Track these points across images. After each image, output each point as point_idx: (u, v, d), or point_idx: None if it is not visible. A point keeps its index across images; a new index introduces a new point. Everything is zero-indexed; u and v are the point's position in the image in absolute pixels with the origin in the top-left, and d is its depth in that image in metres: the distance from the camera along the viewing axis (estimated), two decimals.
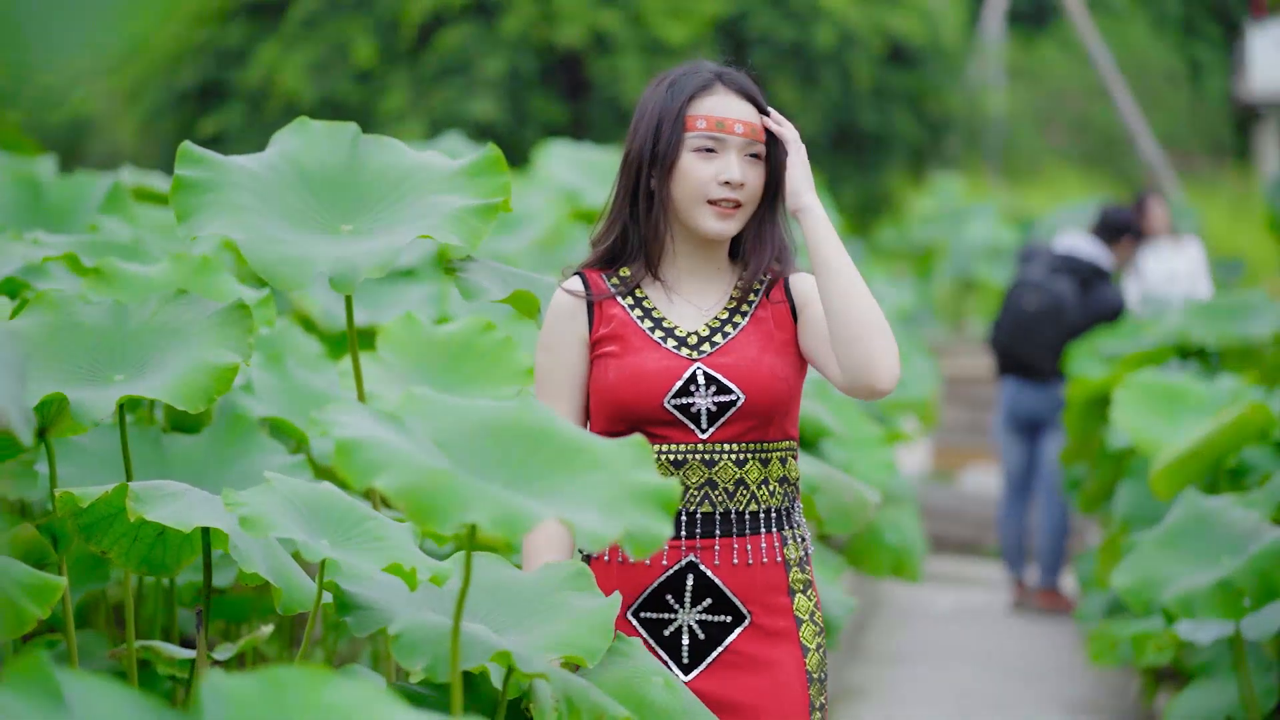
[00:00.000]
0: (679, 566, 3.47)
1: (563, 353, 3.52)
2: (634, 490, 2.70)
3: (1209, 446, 6.17)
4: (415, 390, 2.87)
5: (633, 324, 3.51)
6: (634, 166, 3.54)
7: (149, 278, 4.42)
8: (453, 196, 3.64)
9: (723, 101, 3.52)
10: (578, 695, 2.88)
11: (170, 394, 3.45)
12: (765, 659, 3.49)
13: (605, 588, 3.45)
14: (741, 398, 3.45)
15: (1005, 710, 8.16)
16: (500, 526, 2.52)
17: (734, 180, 3.47)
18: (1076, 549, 11.32)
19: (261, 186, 3.64)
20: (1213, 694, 6.05)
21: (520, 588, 3.16)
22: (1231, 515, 5.31)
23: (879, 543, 7.44)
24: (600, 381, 3.49)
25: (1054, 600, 10.60)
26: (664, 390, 3.45)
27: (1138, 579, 5.27)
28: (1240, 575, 5.01)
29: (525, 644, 2.96)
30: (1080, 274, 10.39)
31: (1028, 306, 10.38)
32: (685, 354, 3.48)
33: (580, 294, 3.54)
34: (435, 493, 2.54)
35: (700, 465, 3.46)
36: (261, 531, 2.96)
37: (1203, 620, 5.38)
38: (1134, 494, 7.35)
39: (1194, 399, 6.99)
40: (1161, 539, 5.34)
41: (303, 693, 2.10)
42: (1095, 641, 7.53)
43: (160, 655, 3.69)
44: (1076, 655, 9.35)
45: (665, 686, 3.13)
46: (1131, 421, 6.93)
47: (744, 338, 3.51)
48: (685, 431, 3.45)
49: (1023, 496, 10.81)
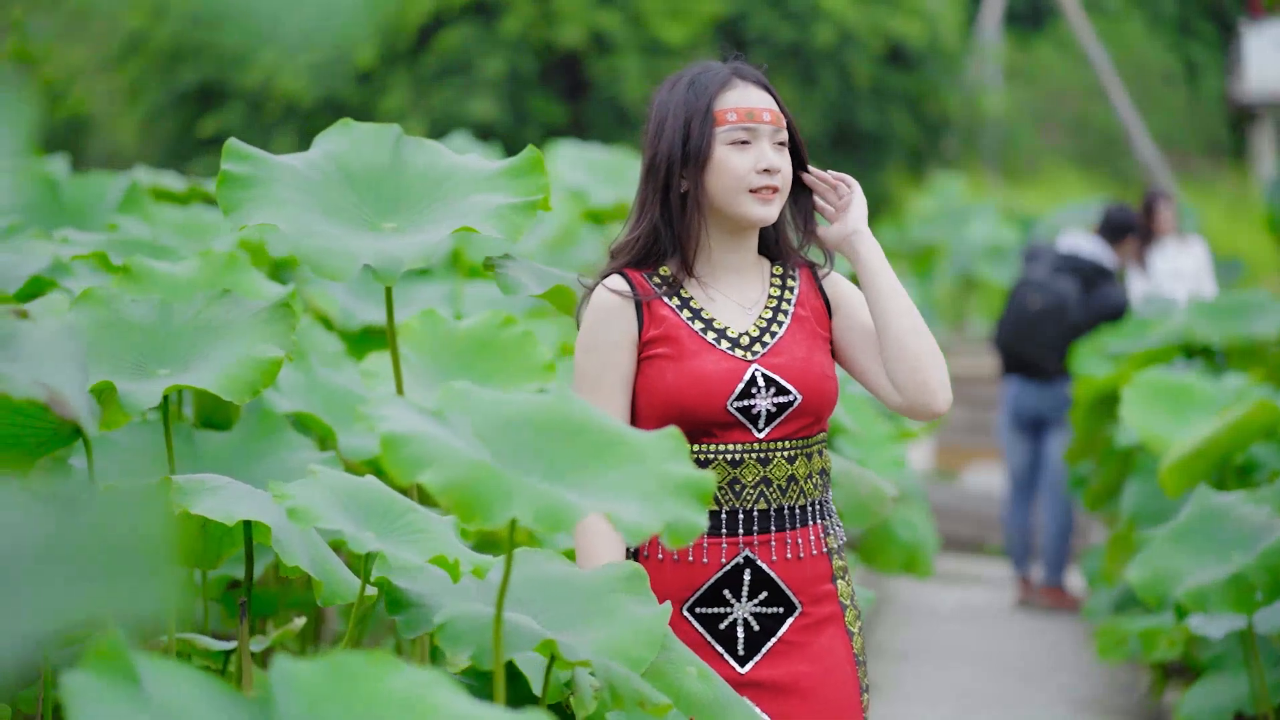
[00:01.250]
0: (736, 562, 3.53)
1: (611, 354, 3.55)
2: (671, 481, 2.76)
3: (1217, 444, 6.22)
4: (455, 384, 2.91)
5: (684, 325, 3.56)
6: (663, 168, 3.59)
7: (177, 275, 4.47)
8: (494, 195, 3.70)
9: (746, 94, 3.59)
10: (620, 683, 2.93)
11: (217, 386, 3.50)
12: (816, 646, 3.57)
13: (659, 585, 3.51)
14: (799, 398, 3.53)
15: (1012, 707, 8.21)
16: (543, 520, 2.57)
17: (772, 167, 3.55)
18: (1080, 547, 11.37)
19: (306, 183, 3.70)
20: (1223, 688, 6.11)
21: (572, 586, 3.20)
22: (1242, 511, 5.37)
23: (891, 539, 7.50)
24: (656, 383, 3.53)
25: (1059, 598, 10.66)
26: (727, 393, 3.50)
27: (1151, 574, 5.32)
28: (1252, 570, 5.06)
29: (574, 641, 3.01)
30: (1083, 273, 10.45)
31: (1031, 306, 10.44)
32: (740, 355, 3.54)
33: (627, 294, 3.57)
34: (480, 487, 2.58)
35: (756, 464, 3.53)
36: (309, 523, 3.02)
37: (1215, 614, 5.44)
38: (1141, 491, 7.41)
39: (1201, 397, 7.05)
40: (1174, 534, 5.39)
41: (368, 679, 2.16)
42: (1103, 637, 7.59)
43: (195, 647, 3.74)
44: (1082, 652, 9.41)
45: (700, 677, 3.19)
46: (1140, 419, 6.98)
47: (790, 337, 3.59)
48: (743, 432, 3.52)
49: (1027, 495, 10.86)
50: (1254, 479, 6.46)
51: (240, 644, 3.37)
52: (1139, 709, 8.14)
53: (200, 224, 6.43)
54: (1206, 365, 8.40)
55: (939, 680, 8.80)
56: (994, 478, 14.27)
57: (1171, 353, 8.48)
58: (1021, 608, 10.78)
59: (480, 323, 4.64)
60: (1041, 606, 10.71)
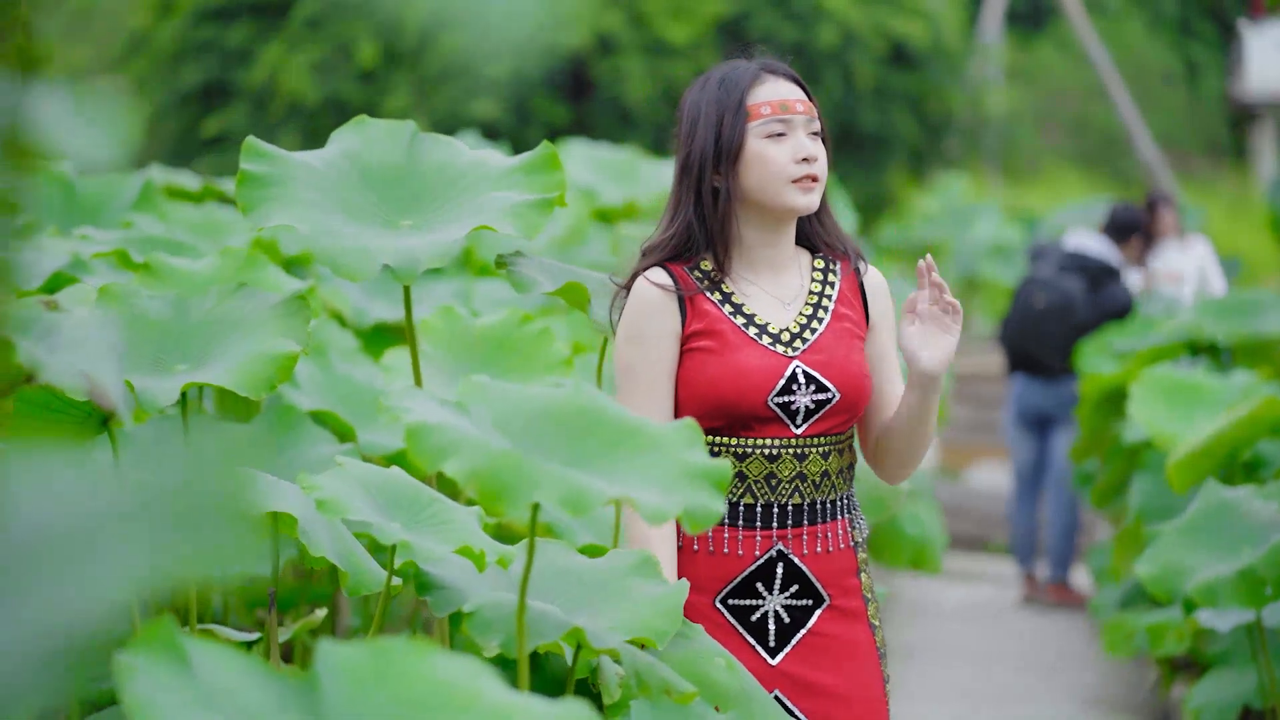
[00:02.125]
0: (770, 555, 3.58)
1: (656, 345, 3.59)
2: (688, 470, 2.80)
3: (1224, 440, 6.26)
4: (475, 377, 2.96)
5: (726, 319, 3.59)
6: (696, 166, 3.63)
7: (196, 272, 4.51)
8: (510, 192, 3.73)
9: (777, 87, 3.64)
10: (646, 670, 2.98)
11: (233, 381, 3.53)
12: (843, 639, 3.64)
13: (693, 576, 3.56)
14: (837, 395, 3.58)
15: (1019, 703, 8.25)
16: (568, 505, 2.61)
17: (810, 156, 3.59)
18: (1085, 544, 11.41)
19: (323, 182, 3.73)
20: (1230, 682, 6.15)
21: (588, 575, 3.26)
22: (1250, 506, 5.41)
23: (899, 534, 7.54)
24: (697, 376, 3.57)
25: (1064, 594, 10.70)
26: (768, 389, 3.55)
27: (1160, 568, 5.36)
28: (1262, 564, 5.10)
29: (594, 625, 3.06)
30: (1089, 272, 10.50)
31: (1037, 304, 10.49)
32: (781, 351, 3.59)
33: (670, 287, 3.60)
34: (504, 475, 2.63)
35: (792, 459, 3.58)
36: (338, 514, 3.06)
37: (1224, 609, 5.48)
38: (1149, 487, 7.46)
39: (1209, 394, 7.09)
40: (1183, 529, 5.43)
41: (410, 664, 2.20)
42: (1110, 633, 7.63)
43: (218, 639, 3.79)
44: (1088, 648, 9.45)
45: (727, 668, 3.23)
46: (1147, 416, 7.03)
47: (830, 335, 3.63)
48: (781, 427, 3.56)
49: (1033, 492, 10.91)
50: (1260, 475, 6.50)
51: (270, 631, 3.42)
52: (1146, 704, 8.18)
53: (215, 222, 6.46)
54: (1212, 363, 8.44)
55: (945, 677, 8.83)
56: (999, 476, 14.31)
57: (1178, 350, 8.52)
58: (1027, 605, 10.82)
59: (499, 320, 4.68)
60: (1047, 603, 10.75)
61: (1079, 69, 30.68)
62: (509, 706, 2.18)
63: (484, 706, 2.18)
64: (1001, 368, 12.13)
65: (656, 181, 9.65)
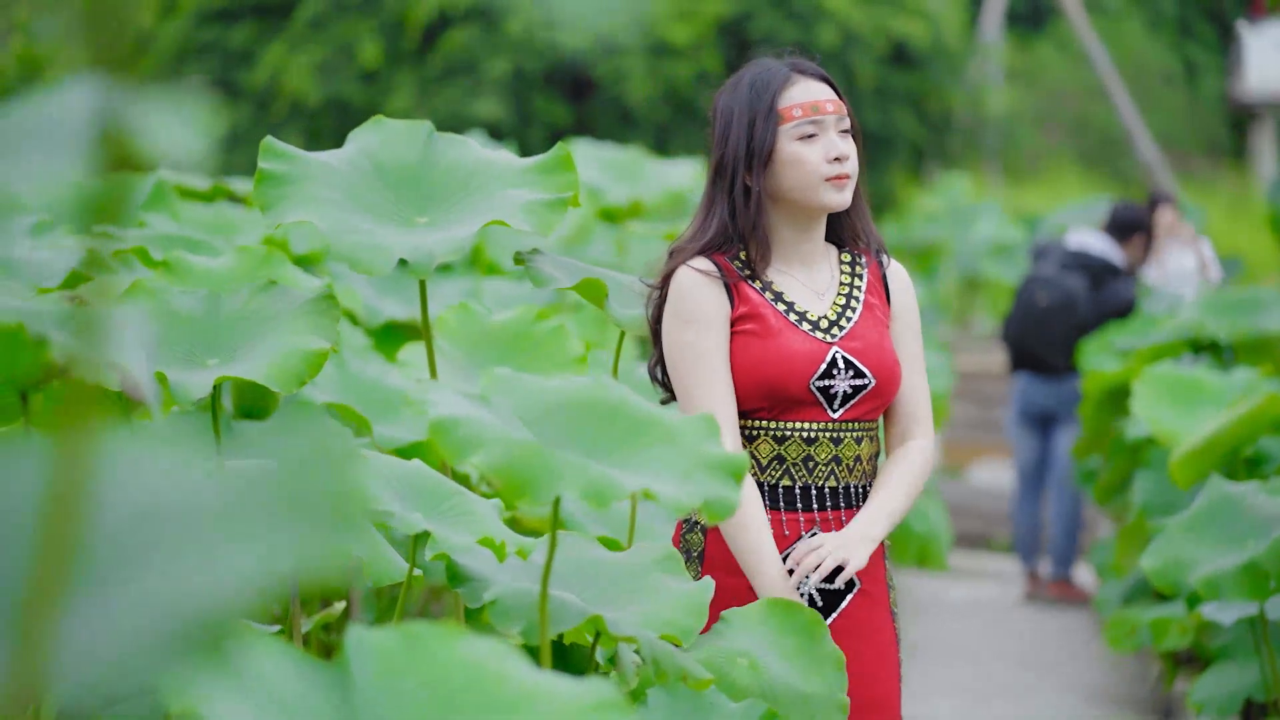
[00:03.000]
0: (806, 537, 3.67)
1: (711, 326, 3.68)
2: (706, 461, 2.86)
3: (1227, 436, 6.32)
4: (497, 370, 3.01)
5: (769, 305, 3.70)
6: (729, 168, 3.74)
7: (215, 270, 4.56)
8: (523, 191, 3.80)
9: (808, 88, 3.73)
10: (664, 658, 3.03)
11: (265, 376, 3.59)
12: (870, 623, 3.74)
13: (729, 560, 3.67)
14: (873, 381, 3.69)
15: (1023, 698, 8.30)
16: (590, 498, 2.67)
17: (842, 155, 3.69)
18: (1088, 541, 11.47)
19: (340, 180, 3.79)
20: (1233, 676, 6.22)
21: (609, 567, 3.31)
22: (1255, 500, 5.46)
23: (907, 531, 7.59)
24: (741, 358, 3.67)
25: (1067, 591, 10.76)
26: (810, 372, 3.65)
27: (1165, 561, 5.41)
28: (1266, 558, 5.16)
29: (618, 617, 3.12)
30: (1092, 270, 10.56)
31: (1040, 302, 10.54)
32: (821, 337, 3.70)
33: (715, 273, 3.71)
34: (529, 467, 2.68)
35: (829, 442, 3.68)
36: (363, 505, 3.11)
37: (1228, 602, 5.53)
38: (1151, 483, 7.52)
39: (1211, 391, 7.15)
40: (1188, 523, 5.48)
41: (439, 647, 2.26)
42: (1113, 628, 7.69)
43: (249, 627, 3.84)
44: (1092, 644, 9.50)
45: (750, 669, 3.28)
46: (1150, 413, 7.09)
47: (863, 323, 3.75)
48: (819, 411, 3.67)
49: (1035, 489, 10.96)
50: (1262, 471, 6.56)
51: (293, 620, 3.47)
52: (1150, 698, 8.24)
53: (226, 221, 6.52)
54: (1214, 360, 8.50)
55: (949, 673, 8.88)
56: (1001, 474, 14.36)
57: (1179, 348, 8.59)
58: (1029, 602, 10.88)
59: (514, 316, 4.74)
60: (1049, 600, 10.80)
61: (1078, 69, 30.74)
62: (536, 686, 2.24)
63: (512, 687, 2.24)
64: (1004, 366, 12.18)
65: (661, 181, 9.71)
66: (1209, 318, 8.61)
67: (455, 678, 2.24)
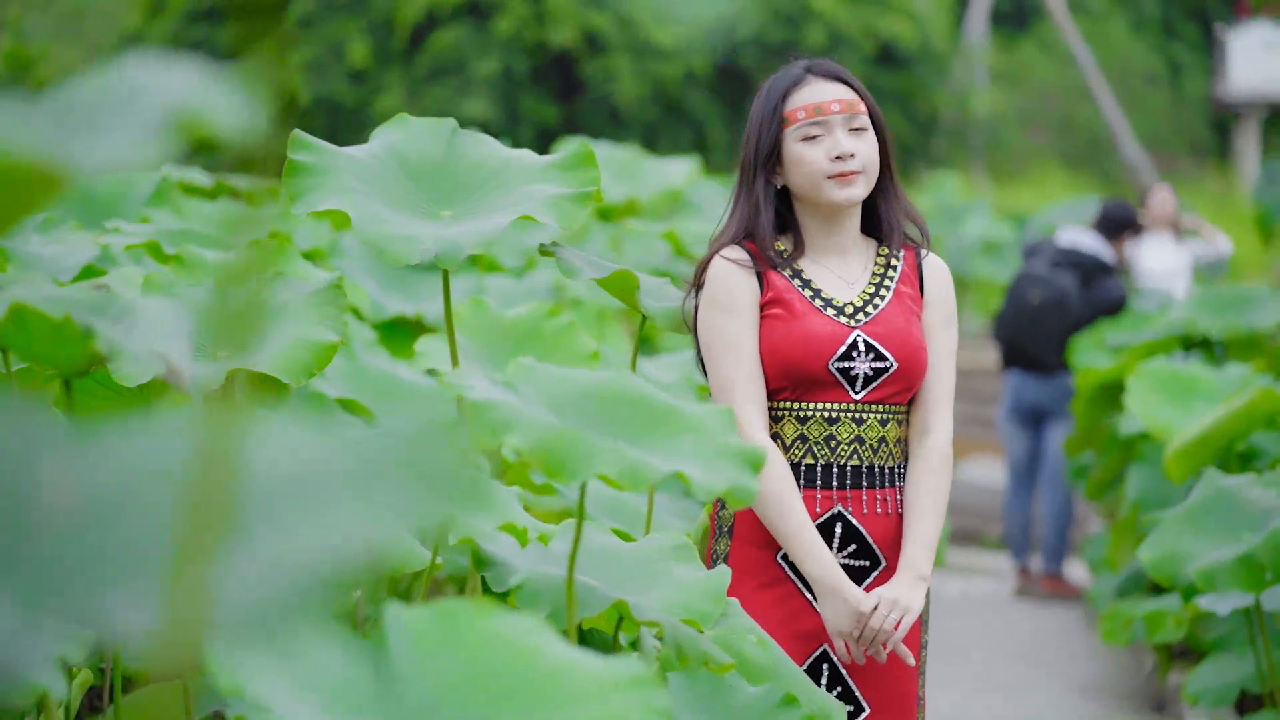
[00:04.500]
0: (830, 515, 3.77)
1: (745, 314, 3.78)
2: (727, 450, 2.91)
3: (1221, 431, 6.39)
4: (522, 360, 3.07)
5: (795, 291, 3.80)
6: (749, 168, 3.87)
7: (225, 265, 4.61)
8: (547, 186, 3.85)
9: (815, 89, 3.82)
10: (687, 643, 3.09)
11: (276, 367, 3.64)
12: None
13: (757, 532, 3.75)
14: (895, 365, 3.78)
15: (1017, 693, 8.35)
16: (625, 479, 2.72)
17: (844, 153, 3.77)
18: (1079, 537, 11.54)
19: (367, 173, 3.84)
20: (1228, 667, 6.29)
21: (626, 555, 3.37)
22: (1251, 493, 5.52)
23: None
24: (766, 341, 3.77)
25: (1058, 586, 10.82)
26: (829, 354, 3.74)
27: (1163, 554, 5.47)
28: (1262, 550, 5.22)
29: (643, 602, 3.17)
30: (1083, 268, 10.63)
31: (1032, 300, 10.60)
32: (844, 321, 3.78)
33: (746, 262, 3.80)
34: (564, 448, 2.74)
35: (851, 423, 3.77)
36: None
37: (1224, 593, 5.60)
38: (1145, 478, 7.60)
39: (1205, 386, 7.22)
40: (1185, 516, 5.54)
41: (473, 623, 2.31)
42: (1107, 621, 7.76)
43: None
44: (1085, 638, 9.57)
45: (759, 644, 3.34)
46: (1144, 408, 7.16)
47: (891, 310, 3.84)
48: (841, 392, 3.76)
49: (1027, 485, 11.02)
50: (1255, 465, 6.62)
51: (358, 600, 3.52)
52: (1142, 691, 8.30)
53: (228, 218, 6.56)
54: (1205, 357, 8.57)
55: (945, 668, 8.93)
56: (992, 471, 14.39)
57: (1171, 344, 8.66)
58: (1021, 597, 10.94)
59: (527, 312, 4.80)
60: (1041, 595, 10.86)
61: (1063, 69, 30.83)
62: (571, 663, 2.30)
63: (547, 663, 2.29)
64: (996, 363, 12.24)
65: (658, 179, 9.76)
66: (1201, 315, 8.69)
67: (491, 654, 2.29)
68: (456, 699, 2.25)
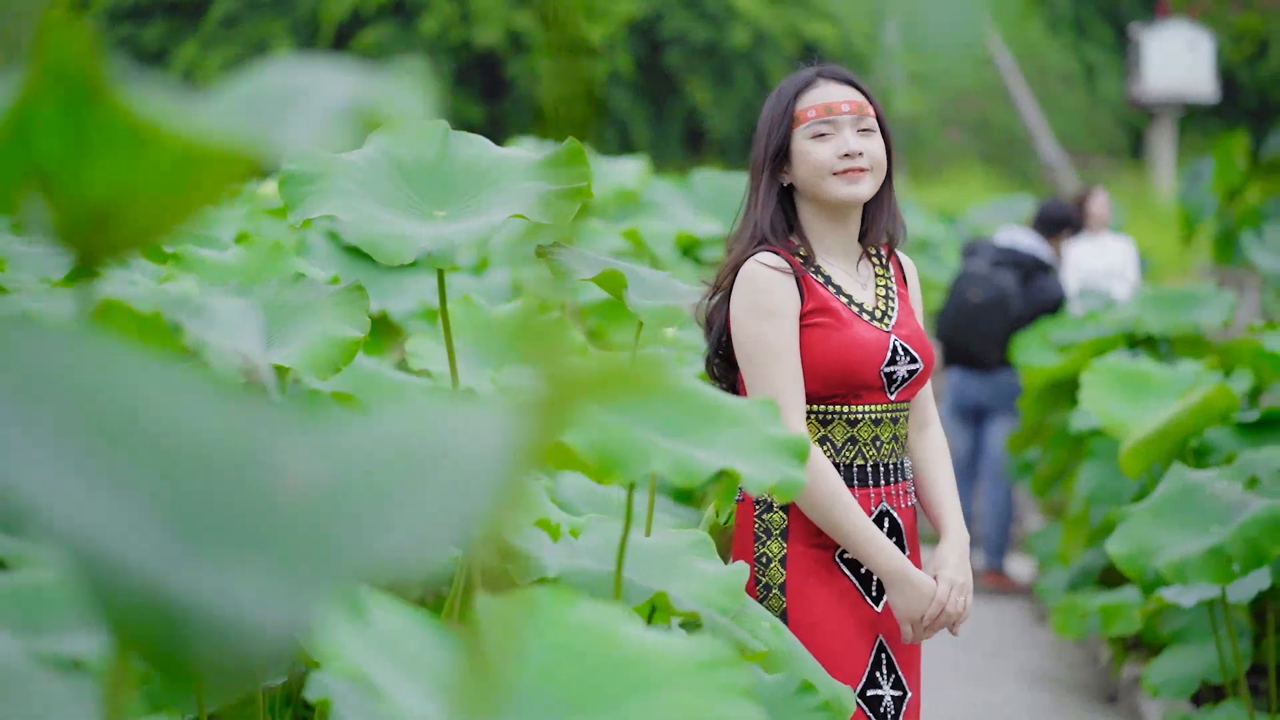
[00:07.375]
0: (879, 511, 3.91)
1: (788, 320, 3.85)
2: (773, 442, 2.98)
3: (1176, 427, 6.50)
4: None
5: (834, 298, 3.89)
6: (759, 167, 3.96)
7: (225, 262, 4.65)
8: (539, 184, 3.91)
9: (826, 90, 3.94)
10: (721, 632, 3.17)
11: (301, 363, 3.69)
12: None
13: (806, 531, 3.86)
14: (922, 365, 3.93)
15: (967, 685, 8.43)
16: (678, 475, 2.79)
17: (852, 151, 3.88)
18: (1019, 533, 11.68)
19: (361, 176, 3.89)
20: (1189, 659, 6.42)
21: (644, 550, 3.44)
22: (1215, 488, 5.65)
23: None
24: (820, 349, 3.84)
25: (1000, 581, 10.94)
26: (879, 360, 3.86)
27: (1131, 547, 5.58)
28: (1230, 543, 5.35)
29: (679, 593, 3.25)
30: (1023, 267, 10.78)
31: (973, 299, 10.74)
32: (881, 327, 3.91)
33: (785, 269, 3.87)
34: (620, 446, 2.80)
35: (889, 422, 3.92)
36: None
37: (1192, 585, 5.72)
38: (1097, 474, 7.74)
39: (1158, 383, 7.34)
40: (1152, 510, 5.65)
41: (554, 611, 2.39)
42: (1060, 614, 7.89)
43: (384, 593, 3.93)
44: (1034, 631, 9.68)
45: (772, 630, 3.43)
46: (1099, 404, 7.27)
47: (904, 312, 3.99)
48: (880, 394, 3.88)
49: (968, 482, 11.15)
50: (1207, 461, 6.75)
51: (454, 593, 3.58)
52: (1095, 683, 8.42)
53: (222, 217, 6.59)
54: (1150, 354, 8.71)
55: None
56: None
57: (1117, 342, 8.79)
58: None
59: (517, 309, 4.85)
60: (985, 590, 10.99)
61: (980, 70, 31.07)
62: (652, 646, 2.37)
63: (630, 647, 2.36)
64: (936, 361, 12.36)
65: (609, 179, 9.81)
66: (1146, 313, 8.83)
67: (576, 640, 2.36)
68: (551, 684, 2.33)
